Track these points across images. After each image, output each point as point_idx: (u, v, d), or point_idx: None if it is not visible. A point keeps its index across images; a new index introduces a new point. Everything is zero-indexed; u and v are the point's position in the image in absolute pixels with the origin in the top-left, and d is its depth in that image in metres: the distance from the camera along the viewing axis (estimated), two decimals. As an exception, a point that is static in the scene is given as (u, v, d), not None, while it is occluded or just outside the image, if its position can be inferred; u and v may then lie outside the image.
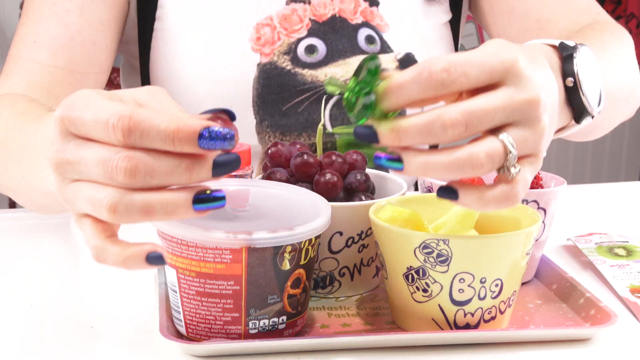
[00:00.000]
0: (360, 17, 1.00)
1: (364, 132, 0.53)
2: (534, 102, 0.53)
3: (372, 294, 0.71)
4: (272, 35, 0.97)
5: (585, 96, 0.65)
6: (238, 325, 0.59)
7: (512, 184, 0.53)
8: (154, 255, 0.50)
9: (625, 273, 0.74)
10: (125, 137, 0.48)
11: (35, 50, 0.90)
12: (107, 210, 0.49)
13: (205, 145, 0.48)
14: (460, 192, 0.54)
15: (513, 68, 0.53)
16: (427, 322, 0.62)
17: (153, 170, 0.48)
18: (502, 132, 0.53)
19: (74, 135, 0.51)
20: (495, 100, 0.52)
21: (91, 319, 0.66)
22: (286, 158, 0.72)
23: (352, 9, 0.99)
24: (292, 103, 0.97)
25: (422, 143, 0.52)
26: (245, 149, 0.74)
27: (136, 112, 0.48)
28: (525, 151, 0.54)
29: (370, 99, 0.52)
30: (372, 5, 1.00)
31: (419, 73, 0.52)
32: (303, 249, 0.60)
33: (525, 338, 0.62)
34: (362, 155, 0.72)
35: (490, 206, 0.54)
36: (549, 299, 0.70)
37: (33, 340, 0.63)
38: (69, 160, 0.51)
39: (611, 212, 0.98)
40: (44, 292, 0.72)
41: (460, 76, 0.52)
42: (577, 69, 0.65)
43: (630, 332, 0.65)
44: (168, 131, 0.48)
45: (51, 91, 0.88)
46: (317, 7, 0.99)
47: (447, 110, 0.51)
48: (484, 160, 0.52)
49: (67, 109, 0.50)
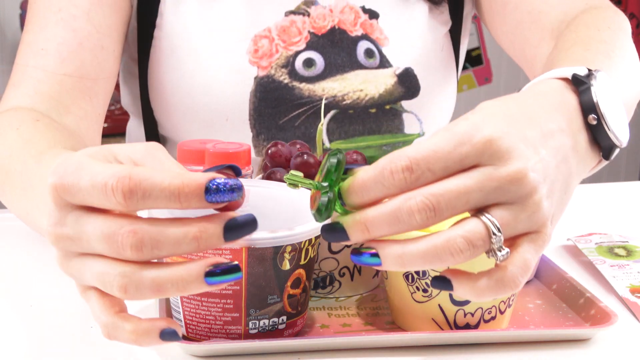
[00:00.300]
0: (360, 29, 0.98)
1: (332, 231, 0.51)
2: (518, 179, 0.49)
3: (372, 294, 0.71)
4: (270, 48, 0.96)
5: (612, 131, 0.57)
6: (238, 325, 0.59)
7: (505, 269, 0.50)
8: (168, 331, 0.49)
9: (625, 273, 0.74)
10: (127, 200, 0.46)
11: (43, 57, 0.88)
12: (118, 290, 0.47)
13: (213, 198, 0.46)
14: (453, 282, 0.51)
15: (489, 149, 0.49)
16: (427, 322, 0.62)
17: (159, 243, 0.47)
18: (485, 212, 0.49)
19: (72, 206, 0.48)
20: (468, 180, 0.49)
21: (91, 319, 0.66)
22: (286, 158, 0.72)
23: (352, 20, 0.98)
24: (288, 117, 0.96)
25: (392, 233, 0.49)
26: (245, 149, 0.74)
27: (135, 172, 0.46)
28: (521, 229, 0.50)
29: (327, 197, 0.50)
30: (372, 18, 0.99)
31: (381, 172, 0.49)
32: (303, 249, 0.60)
33: (525, 338, 0.62)
34: (362, 155, 0.72)
35: (485, 295, 0.50)
36: (549, 299, 0.70)
37: (33, 340, 0.63)
38: (69, 236, 0.48)
39: (611, 212, 0.98)
40: (44, 292, 0.72)
41: (425, 172, 0.49)
42: (599, 102, 0.57)
43: (630, 332, 0.65)
44: (172, 188, 0.46)
45: (60, 101, 0.87)
46: (316, 19, 0.97)
47: (413, 195, 0.48)
48: (463, 245, 0.48)
49: (59, 177, 0.48)
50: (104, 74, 0.91)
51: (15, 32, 2.60)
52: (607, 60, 0.71)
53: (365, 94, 0.98)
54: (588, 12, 0.86)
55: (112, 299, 0.50)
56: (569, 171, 0.54)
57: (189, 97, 0.95)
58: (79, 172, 0.47)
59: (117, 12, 0.93)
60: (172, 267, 0.47)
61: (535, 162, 0.51)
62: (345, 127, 0.98)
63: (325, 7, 0.98)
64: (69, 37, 0.89)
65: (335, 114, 0.97)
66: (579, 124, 0.57)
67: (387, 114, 0.99)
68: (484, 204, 0.49)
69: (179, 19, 0.95)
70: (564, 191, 0.54)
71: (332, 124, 0.98)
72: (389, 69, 0.99)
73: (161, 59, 0.96)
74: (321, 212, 0.50)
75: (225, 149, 0.73)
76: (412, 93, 1.00)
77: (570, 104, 0.57)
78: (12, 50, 2.59)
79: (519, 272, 0.50)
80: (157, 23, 0.96)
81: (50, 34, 0.89)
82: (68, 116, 0.87)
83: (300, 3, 0.98)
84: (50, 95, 0.86)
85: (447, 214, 0.49)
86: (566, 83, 0.59)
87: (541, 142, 0.52)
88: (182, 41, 0.95)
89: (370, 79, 0.98)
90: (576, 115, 0.57)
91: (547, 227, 0.51)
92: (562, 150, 0.54)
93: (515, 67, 2.74)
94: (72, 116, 0.87)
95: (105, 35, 0.91)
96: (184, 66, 0.95)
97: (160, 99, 0.98)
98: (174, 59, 0.95)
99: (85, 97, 0.89)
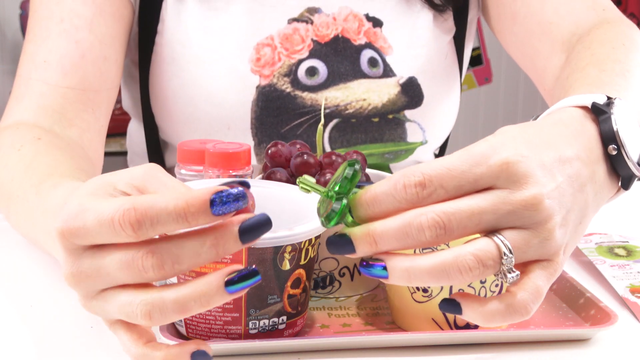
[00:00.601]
0: (363, 37, 0.97)
1: (338, 241, 0.50)
2: (533, 204, 0.49)
3: (372, 294, 0.71)
4: (272, 56, 0.95)
5: (632, 160, 0.57)
6: (238, 325, 0.59)
7: (515, 295, 0.49)
8: (198, 353, 0.49)
9: (625, 273, 0.74)
10: (136, 231, 0.46)
11: (45, 70, 0.87)
12: (142, 318, 0.47)
13: (219, 211, 0.46)
14: (462, 305, 0.50)
15: (505, 171, 0.49)
16: (427, 322, 0.62)
17: (179, 257, 0.47)
18: (498, 233, 0.49)
19: (83, 248, 0.49)
20: (482, 202, 0.48)
21: (91, 319, 0.66)
22: (286, 158, 0.72)
23: (355, 29, 0.97)
24: (290, 126, 0.95)
25: (400, 247, 0.49)
26: (245, 149, 0.74)
27: (139, 202, 0.46)
28: (532, 256, 0.50)
29: (341, 204, 0.50)
30: (375, 26, 0.98)
31: (394, 186, 0.49)
32: (303, 249, 0.60)
33: (525, 338, 0.62)
34: (362, 155, 0.72)
35: (495, 320, 0.49)
36: (549, 299, 0.70)
37: (33, 340, 0.63)
38: (88, 275, 0.48)
39: (611, 212, 0.97)
40: (44, 292, 0.72)
41: (437, 189, 0.48)
42: (619, 132, 0.56)
43: (630, 332, 0.65)
44: (178, 210, 0.46)
45: (63, 114, 0.86)
46: (319, 27, 0.96)
47: (425, 211, 0.48)
48: (472, 263, 0.48)
49: (64, 222, 0.48)
50: (106, 85, 0.90)
51: (15, 32, 2.59)
52: (623, 82, 0.70)
53: (369, 104, 0.97)
54: (601, 28, 0.85)
55: (140, 330, 0.50)
56: (585, 201, 0.54)
57: (190, 105, 0.95)
58: (83, 214, 0.47)
59: (119, 21, 0.92)
60: (192, 283, 0.47)
61: (551, 189, 0.50)
62: (348, 136, 0.97)
63: (329, 15, 0.97)
64: (72, 49, 0.88)
65: (338, 123, 0.97)
66: (598, 154, 0.56)
67: (390, 123, 0.99)
68: (496, 227, 0.49)
69: (180, 25, 0.94)
70: (579, 221, 0.53)
71: (335, 133, 0.97)
72: (392, 78, 0.98)
73: (162, 66, 0.95)
74: (331, 219, 0.50)
75: (225, 149, 0.73)
76: (415, 102, 0.99)
77: (590, 134, 0.57)
78: (12, 50, 2.59)
79: (530, 298, 0.50)
80: (159, 29, 0.95)
81: (52, 46, 0.88)
82: (71, 129, 0.86)
83: (304, 10, 0.97)
84: (54, 109, 0.86)
85: (457, 233, 0.48)
86: (585, 112, 0.58)
87: (559, 169, 0.52)
88: (184, 48, 0.94)
89: (373, 88, 0.97)
90: (596, 145, 0.56)
91: (560, 256, 0.51)
92: (579, 179, 0.53)
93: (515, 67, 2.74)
94: (76, 129, 0.87)
95: (108, 45, 0.90)
96: (186, 74, 0.94)
97: (161, 106, 0.97)
98: (175, 67, 0.95)
99: (88, 109, 0.88)
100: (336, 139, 0.97)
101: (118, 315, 0.49)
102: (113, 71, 0.91)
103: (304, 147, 0.73)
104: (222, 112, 0.94)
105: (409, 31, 0.99)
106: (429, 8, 1.00)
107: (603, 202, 0.57)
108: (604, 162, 0.57)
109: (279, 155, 0.72)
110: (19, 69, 0.89)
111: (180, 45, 0.94)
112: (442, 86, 1.02)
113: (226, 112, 0.94)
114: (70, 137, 0.85)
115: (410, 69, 0.99)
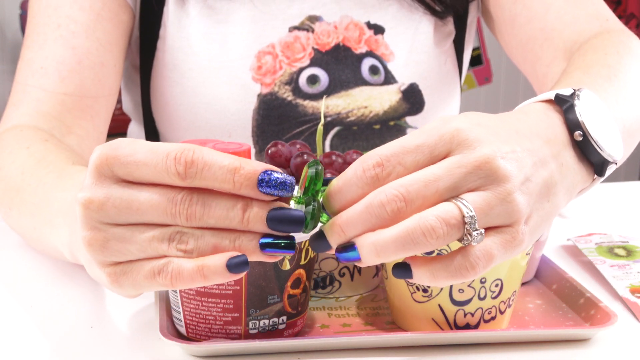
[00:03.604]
0: (364, 46, 0.98)
1: (316, 240, 0.51)
2: (486, 163, 0.49)
3: (372, 294, 0.71)
4: (273, 64, 0.95)
5: (599, 146, 0.57)
6: (238, 325, 0.59)
7: (463, 253, 0.49)
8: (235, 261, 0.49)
9: (625, 273, 0.74)
10: (187, 170, 0.47)
11: (42, 76, 0.86)
12: (177, 244, 0.48)
13: (265, 189, 0.47)
14: (412, 266, 0.51)
15: (456, 137, 0.50)
16: (427, 322, 0.62)
17: (209, 211, 0.48)
18: (458, 197, 0.49)
19: (115, 178, 0.49)
20: (436, 170, 0.49)
21: (91, 319, 0.66)
22: (286, 158, 0.72)
23: (356, 37, 0.97)
24: (292, 133, 0.95)
25: (366, 229, 0.50)
26: (245, 149, 0.74)
27: (198, 147, 0.47)
28: (495, 220, 0.50)
29: (313, 207, 0.50)
30: (377, 33, 0.98)
31: (354, 172, 0.50)
32: (303, 249, 0.60)
33: (525, 338, 0.62)
34: (362, 154, 0.72)
35: (441, 277, 0.50)
36: (549, 299, 0.70)
37: (33, 340, 0.63)
38: (116, 205, 0.48)
39: (611, 212, 0.98)
40: (44, 292, 0.72)
41: (396, 166, 0.50)
42: (582, 119, 0.57)
43: (630, 332, 0.65)
44: (231, 167, 0.47)
45: (62, 120, 0.86)
46: (320, 36, 0.96)
47: (383, 189, 0.49)
48: (435, 222, 0.48)
49: (113, 149, 0.48)
50: (104, 92, 0.90)
51: (15, 32, 2.60)
52: (605, 83, 0.70)
53: (370, 111, 0.97)
54: (600, 36, 0.85)
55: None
56: (550, 177, 0.54)
57: (191, 113, 0.95)
58: (135, 143, 0.48)
59: (117, 26, 0.91)
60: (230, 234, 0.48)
61: (505, 151, 0.51)
62: (349, 144, 0.97)
63: (330, 23, 0.97)
64: (68, 55, 0.87)
65: (339, 131, 0.97)
66: (563, 139, 0.57)
67: (391, 130, 0.99)
68: (456, 193, 0.50)
69: (182, 32, 0.94)
70: (546, 197, 0.53)
71: (336, 140, 0.97)
72: (393, 85, 0.98)
73: (164, 72, 0.95)
74: (306, 225, 0.50)
75: (225, 149, 0.72)
76: (416, 109, 0.99)
77: (553, 121, 0.57)
78: (12, 50, 2.59)
79: (478, 258, 0.49)
80: (161, 34, 0.95)
81: (49, 52, 0.87)
82: (70, 136, 0.86)
83: (305, 19, 0.97)
84: (52, 115, 0.85)
85: (418, 203, 0.49)
86: (550, 104, 0.59)
87: (516, 140, 0.52)
88: (185, 56, 0.94)
89: (374, 95, 0.97)
90: (560, 131, 0.57)
91: (520, 224, 0.51)
92: (539, 154, 0.53)
93: (515, 67, 2.74)
94: (74, 136, 0.86)
95: (106, 50, 0.90)
96: (187, 82, 0.94)
97: (162, 112, 0.97)
98: (177, 74, 0.95)
99: (87, 116, 0.88)
100: (337, 146, 0.97)
101: (142, 249, 0.49)
102: (111, 77, 0.90)
103: (304, 147, 0.73)
104: (224, 120, 0.94)
105: (410, 37, 0.99)
106: (430, 14, 1.00)
107: (576, 187, 0.57)
108: (572, 148, 0.57)
109: (279, 155, 0.72)
110: (16, 76, 0.89)
111: (182, 53, 0.94)
112: (443, 92, 1.02)
113: (227, 120, 0.94)
114: (69, 144, 0.85)
115: (412, 75, 0.99)
